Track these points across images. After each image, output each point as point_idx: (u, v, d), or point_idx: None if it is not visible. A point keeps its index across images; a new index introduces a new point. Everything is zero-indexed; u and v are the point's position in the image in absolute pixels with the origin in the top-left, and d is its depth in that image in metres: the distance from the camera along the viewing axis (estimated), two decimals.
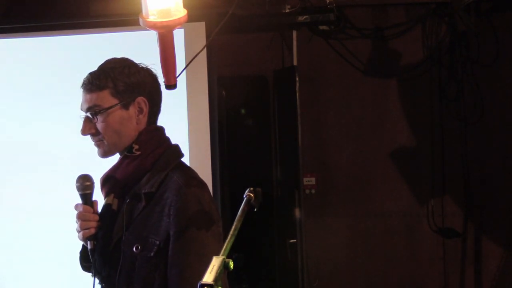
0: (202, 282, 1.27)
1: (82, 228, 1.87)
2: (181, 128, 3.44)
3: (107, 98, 1.86)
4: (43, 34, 3.66)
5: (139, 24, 1.68)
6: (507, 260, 4.10)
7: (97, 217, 1.88)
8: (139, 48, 3.32)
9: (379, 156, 4.21)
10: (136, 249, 1.81)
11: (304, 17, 3.91)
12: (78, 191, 1.89)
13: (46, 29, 3.65)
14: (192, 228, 1.78)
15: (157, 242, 1.80)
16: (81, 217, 1.87)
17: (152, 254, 1.79)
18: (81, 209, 1.88)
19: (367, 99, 4.24)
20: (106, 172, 1.93)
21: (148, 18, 1.65)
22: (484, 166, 4.12)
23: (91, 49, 3.54)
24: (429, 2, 4.12)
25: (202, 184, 1.89)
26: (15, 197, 3.61)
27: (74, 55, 3.56)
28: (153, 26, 1.65)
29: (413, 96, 4.21)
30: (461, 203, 4.15)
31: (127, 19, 3.46)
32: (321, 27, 4.13)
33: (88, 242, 1.87)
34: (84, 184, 1.88)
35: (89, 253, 1.87)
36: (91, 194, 1.90)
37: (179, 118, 3.44)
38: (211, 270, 1.31)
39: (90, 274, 1.93)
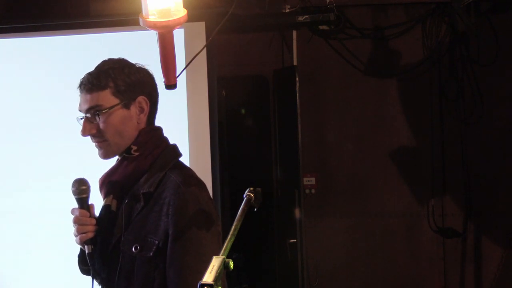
0: (202, 282, 1.27)
1: (79, 232, 1.86)
2: (181, 128, 3.44)
3: (108, 98, 1.85)
4: (43, 34, 3.65)
5: (139, 24, 1.68)
6: (507, 260, 4.10)
7: (94, 221, 1.87)
8: (139, 48, 3.33)
9: (379, 156, 4.22)
10: (135, 249, 1.80)
11: (304, 17, 3.91)
12: (74, 195, 1.87)
13: (46, 29, 3.65)
14: (191, 228, 1.77)
15: (156, 242, 1.79)
16: (77, 222, 1.86)
17: (151, 253, 1.79)
18: (77, 213, 1.86)
19: (367, 99, 4.24)
20: (105, 174, 1.92)
21: (148, 18, 1.65)
22: (484, 166, 4.12)
23: (91, 49, 3.54)
24: (429, 2, 4.12)
25: (200, 183, 1.88)
26: (15, 198, 3.61)
27: (74, 55, 3.55)
28: (153, 26, 1.65)
29: (413, 96, 4.21)
30: (461, 203, 4.15)
31: (127, 19, 3.46)
32: (321, 27, 4.12)
33: (86, 246, 1.86)
34: (80, 188, 1.87)
35: (87, 257, 1.86)
36: (87, 198, 1.88)
37: (179, 118, 3.43)
38: (211, 270, 1.31)
39: (90, 276, 1.92)
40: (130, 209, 1.86)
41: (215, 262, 1.33)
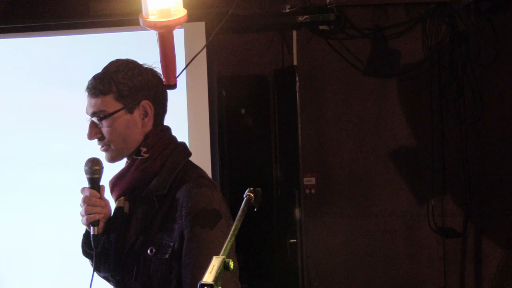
0: (202, 282, 1.27)
1: (86, 212, 1.83)
2: (181, 128, 3.44)
3: (111, 103, 1.84)
4: (43, 34, 3.65)
5: (139, 24, 1.68)
6: (507, 260, 4.10)
7: (103, 203, 1.85)
8: (139, 48, 3.32)
9: (379, 156, 4.21)
10: (150, 251, 1.80)
11: (304, 17, 3.91)
12: (86, 174, 1.84)
13: (46, 29, 3.65)
14: (204, 228, 1.77)
15: (171, 244, 1.79)
16: (87, 202, 1.83)
17: (167, 256, 1.79)
18: (87, 193, 1.84)
19: (367, 99, 4.24)
20: (115, 176, 1.91)
21: (148, 18, 1.65)
22: (484, 166, 4.12)
23: (91, 49, 3.54)
24: (429, 2, 4.12)
25: (212, 183, 1.89)
26: (16, 197, 3.61)
27: (74, 55, 3.55)
28: (153, 26, 1.66)
29: (413, 96, 4.21)
30: (461, 203, 4.15)
31: (127, 19, 3.45)
32: (321, 27, 4.12)
33: (91, 228, 1.83)
34: (93, 168, 1.84)
35: (91, 239, 1.83)
36: (99, 179, 1.85)
37: (179, 118, 3.43)
38: (211, 270, 1.31)
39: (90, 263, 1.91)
40: (144, 212, 1.85)
41: (215, 262, 1.33)
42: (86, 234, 1.92)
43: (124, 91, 1.84)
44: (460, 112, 4.13)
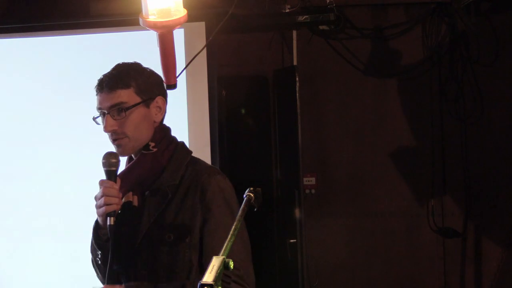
0: (202, 282, 1.27)
1: (106, 203, 1.88)
2: (181, 128, 3.44)
3: (132, 96, 1.94)
4: (43, 34, 3.65)
5: (139, 24, 1.68)
6: (507, 260, 4.10)
7: (121, 195, 1.92)
8: (139, 48, 3.32)
9: (379, 156, 4.21)
10: (168, 238, 1.89)
11: (304, 17, 3.91)
12: (104, 167, 1.91)
13: (46, 29, 3.65)
14: (222, 210, 1.89)
15: (189, 229, 1.89)
16: (106, 192, 1.89)
17: (186, 240, 1.88)
18: (107, 184, 1.90)
19: (367, 99, 4.24)
20: (122, 172, 1.97)
21: (148, 18, 1.65)
22: (484, 166, 4.12)
23: (91, 49, 3.53)
24: (429, 2, 4.12)
25: (223, 173, 2.01)
26: (19, 197, 3.61)
27: (74, 55, 3.55)
28: (153, 26, 1.66)
29: (413, 96, 4.21)
30: (461, 203, 4.15)
31: (127, 19, 3.45)
32: (321, 27, 4.12)
33: (108, 218, 1.87)
34: (111, 160, 1.91)
35: (108, 229, 1.87)
36: (116, 172, 1.92)
37: (179, 118, 3.44)
38: (211, 270, 1.31)
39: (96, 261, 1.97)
40: (156, 202, 1.94)
41: (215, 262, 1.33)
42: (96, 228, 1.98)
43: (142, 85, 1.95)
44: (460, 112, 4.13)
